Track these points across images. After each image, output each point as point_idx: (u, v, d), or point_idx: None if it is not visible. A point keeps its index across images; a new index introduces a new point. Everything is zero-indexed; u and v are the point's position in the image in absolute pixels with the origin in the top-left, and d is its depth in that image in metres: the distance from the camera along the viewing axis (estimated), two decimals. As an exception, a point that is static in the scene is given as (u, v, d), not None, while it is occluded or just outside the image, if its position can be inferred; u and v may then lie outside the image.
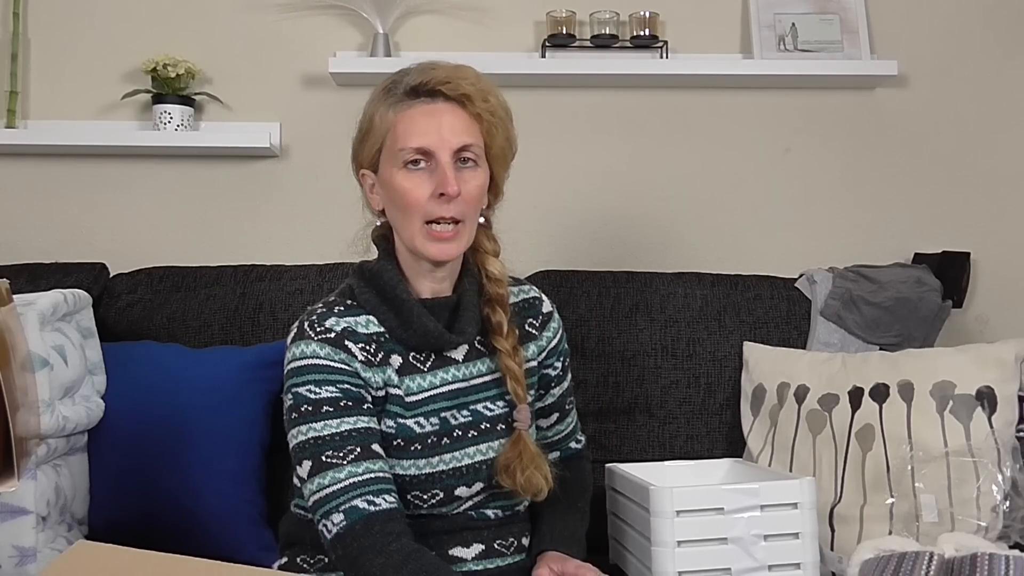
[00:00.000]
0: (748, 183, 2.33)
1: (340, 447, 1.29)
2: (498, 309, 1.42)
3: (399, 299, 1.37)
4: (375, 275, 1.39)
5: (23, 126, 2.25)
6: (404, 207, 1.33)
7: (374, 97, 1.38)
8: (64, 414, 1.72)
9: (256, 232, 2.28)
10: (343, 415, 1.31)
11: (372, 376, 1.36)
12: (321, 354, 1.33)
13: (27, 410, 1.23)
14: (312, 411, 1.31)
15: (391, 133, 1.34)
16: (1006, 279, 2.32)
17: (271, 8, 2.30)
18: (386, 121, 1.34)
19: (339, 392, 1.32)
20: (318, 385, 1.32)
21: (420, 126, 1.32)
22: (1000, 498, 1.68)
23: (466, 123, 1.33)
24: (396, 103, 1.34)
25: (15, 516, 1.67)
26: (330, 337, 1.34)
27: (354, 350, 1.34)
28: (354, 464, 1.29)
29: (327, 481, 1.28)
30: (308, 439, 1.31)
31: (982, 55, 2.34)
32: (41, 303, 1.76)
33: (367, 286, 1.39)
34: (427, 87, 1.33)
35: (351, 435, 1.30)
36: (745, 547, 1.44)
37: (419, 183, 1.32)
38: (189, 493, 1.80)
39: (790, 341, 2.05)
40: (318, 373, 1.32)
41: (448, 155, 1.32)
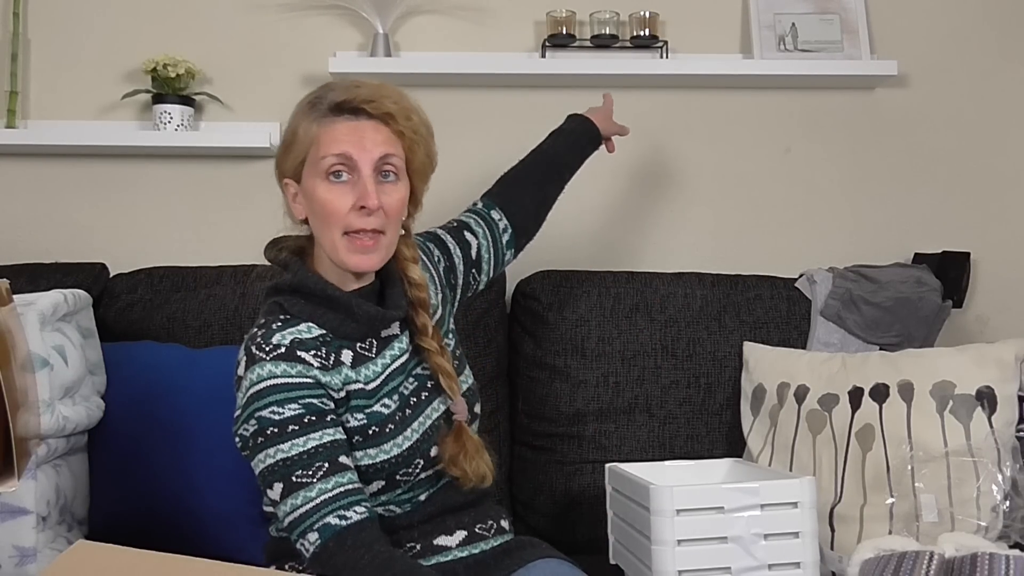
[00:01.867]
0: (748, 183, 2.33)
1: (308, 465, 1.30)
2: (421, 312, 1.46)
3: (332, 297, 1.39)
4: (299, 285, 1.41)
5: (23, 126, 2.25)
6: (325, 218, 1.36)
7: (298, 111, 1.41)
8: (64, 414, 1.72)
9: (256, 232, 2.27)
10: (308, 431, 1.32)
11: (331, 379, 1.37)
12: (277, 372, 1.33)
13: (27, 410, 1.23)
14: (278, 432, 1.31)
15: (314, 145, 1.37)
16: (1006, 279, 2.32)
17: (271, 8, 2.30)
18: (309, 134, 1.37)
19: (302, 408, 1.33)
20: (280, 405, 1.32)
21: (342, 138, 1.35)
22: (1000, 498, 1.68)
23: (388, 138, 1.37)
24: (320, 117, 1.37)
25: (15, 516, 1.67)
26: (281, 352, 1.35)
27: (308, 358, 1.35)
28: (323, 480, 1.30)
29: (299, 501, 1.30)
30: (277, 461, 1.31)
31: (982, 55, 2.34)
32: (41, 303, 1.76)
33: (294, 297, 1.41)
34: (350, 104, 1.36)
35: (318, 451, 1.31)
36: (745, 546, 1.44)
37: (340, 195, 1.35)
38: (189, 493, 1.79)
39: (790, 341, 2.05)
40: (278, 392, 1.33)
41: (369, 167, 1.35)
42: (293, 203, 1.43)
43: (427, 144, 1.43)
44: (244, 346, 1.39)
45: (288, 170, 1.42)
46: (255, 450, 1.33)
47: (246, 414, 1.34)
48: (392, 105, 1.37)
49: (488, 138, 2.27)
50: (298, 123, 1.40)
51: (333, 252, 1.38)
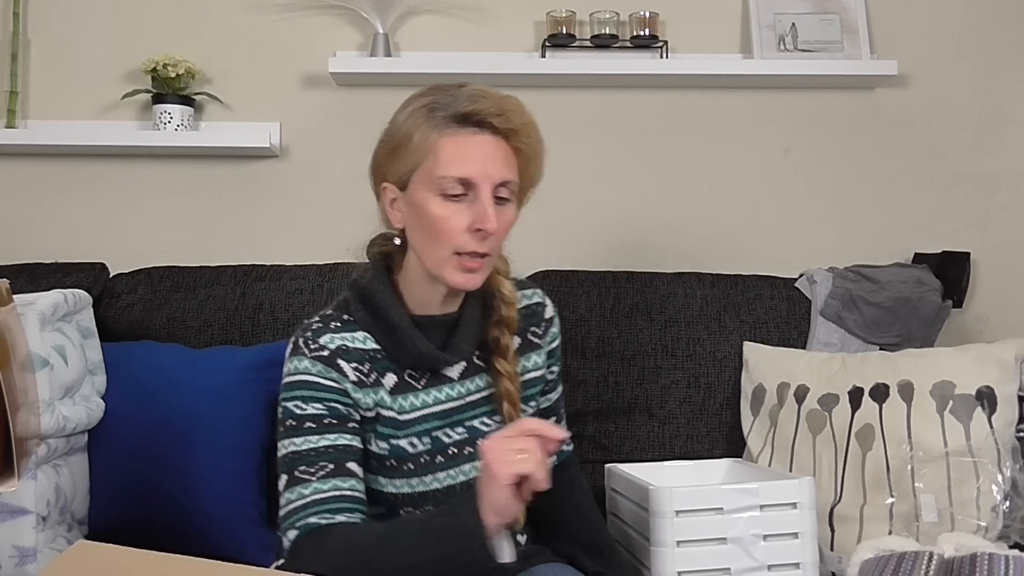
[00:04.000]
0: (748, 183, 2.33)
1: (313, 463, 1.29)
2: (506, 332, 1.40)
3: (391, 321, 1.35)
4: (368, 295, 1.37)
5: (23, 126, 2.25)
6: (435, 235, 1.29)
7: (413, 113, 1.31)
8: (64, 414, 1.72)
9: (256, 232, 2.28)
10: (324, 432, 1.30)
11: (363, 397, 1.34)
12: (312, 371, 1.32)
13: (27, 410, 1.23)
14: (295, 426, 1.31)
15: (432, 156, 1.28)
16: (1006, 279, 2.32)
17: (271, 8, 2.30)
18: (428, 142, 1.29)
19: (325, 409, 1.31)
20: (305, 401, 1.31)
21: (465, 155, 1.27)
22: (1000, 498, 1.68)
23: (508, 157, 1.30)
24: (441, 126, 1.28)
25: (15, 516, 1.67)
26: (323, 355, 1.33)
27: (346, 369, 1.33)
28: (321, 481, 1.28)
29: (293, 496, 1.28)
30: (287, 453, 1.30)
31: (982, 55, 2.34)
32: (41, 303, 1.76)
33: (360, 304, 1.37)
34: (476, 117, 1.28)
35: (327, 451, 1.29)
36: (744, 547, 1.44)
37: (455, 213, 1.28)
38: (189, 493, 1.79)
39: (790, 341, 2.05)
40: (307, 389, 1.32)
41: (489, 189, 1.28)
42: (390, 209, 1.36)
43: (540, 161, 1.36)
44: (299, 331, 1.36)
45: (391, 175, 1.34)
46: (277, 437, 1.33)
47: (280, 399, 1.34)
48: (517, 120, 1.30)
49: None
50: (413, 127, 1.30)
51: (437, 268, 1.31)
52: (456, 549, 1.17)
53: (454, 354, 1.37)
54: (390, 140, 1.34)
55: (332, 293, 2.03)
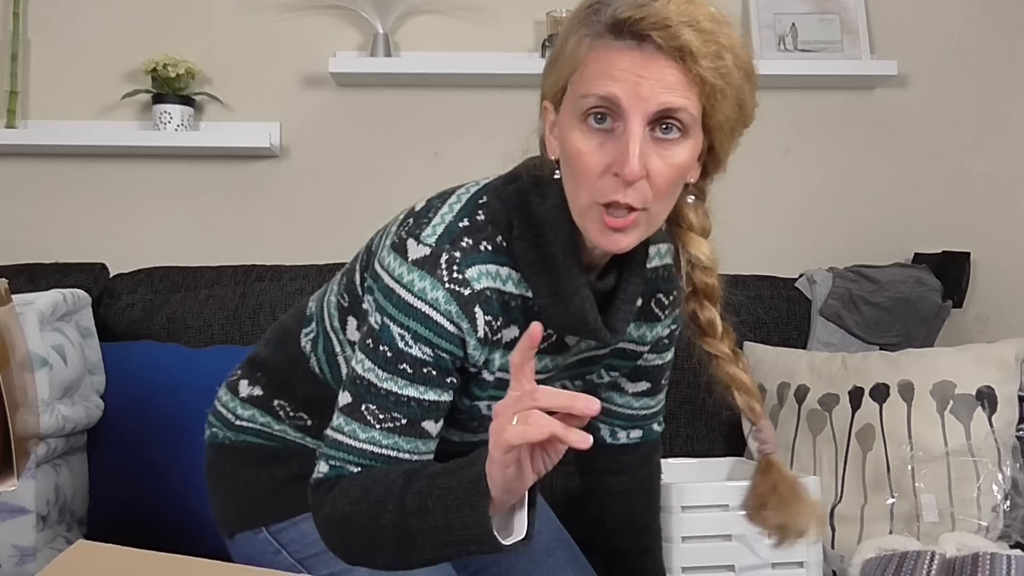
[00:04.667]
0: (748, 183, 2.33)
1: (386, 409, 1.07)
2: (707, 304, 1.12)
3: (564, 273, 1.07)
4: (543, 231, 1.08)
5: (23, 126, 2.24)
6: (574, 174, 1.02)
7: (575, 13, 1.04)
8: (63, 414, 1.72)
9: (256, 232, 2.28)
10: (417, 381, 1.07)
11: (479, 354, 1.10)
12: (442, 308, 1.04)
13: (26, 410, 1.23)
14: (389, 359, 1.06)
15: (579, 71, 1.01)
16: (1006, 279, 2.32)
17: (271, 8, 2.29)
18: (577, 53, 1.01)
19: (431, 357, 1.07)
20: (415, 339, 1.05)
21: (614, 71, 0.98)
22: (1000, 498, 1.68)
23: (679, 82, 0.98)
24: (594, 35, 1.00)
25: (15, 516, 1.67)
26: (463, 294, 1.05)
27: (479, 322, 1.06)
28: (384, 434, 1.07)
29: (347, 429, 1.08)
30: (365, 379, 1.07)
31: (982, 55, 2.34)
32: (41, 303, 1.76)
33: (530, 237, 1.08)
34: (635, 27, 0.97)
35: (408, 403, 1.07)
36: (749, 544, 1.45)
37: (595, 148, 0.99)
38: (189, 493, 1.79)
39: (790, 341, 2.05)
40: (424, 327, 1.05)
41: (640, 121, 0.97)
42: (549, 134, 1.08)
43: (739, 94, 1.03)
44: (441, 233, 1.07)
45: (548, 90, 1.07)
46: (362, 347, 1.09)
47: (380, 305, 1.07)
48: (694, 37, 0.96)
49: (488, 138, 2.26)
50: (569, 33, 1.04)
51: (578, 217, 1.04)
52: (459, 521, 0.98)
53: (613, 333, 1.12)
54: (554, 47, 1.07)
55: (332, 293, 2.03)
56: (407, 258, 1.06)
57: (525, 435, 0.89)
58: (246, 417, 1.30)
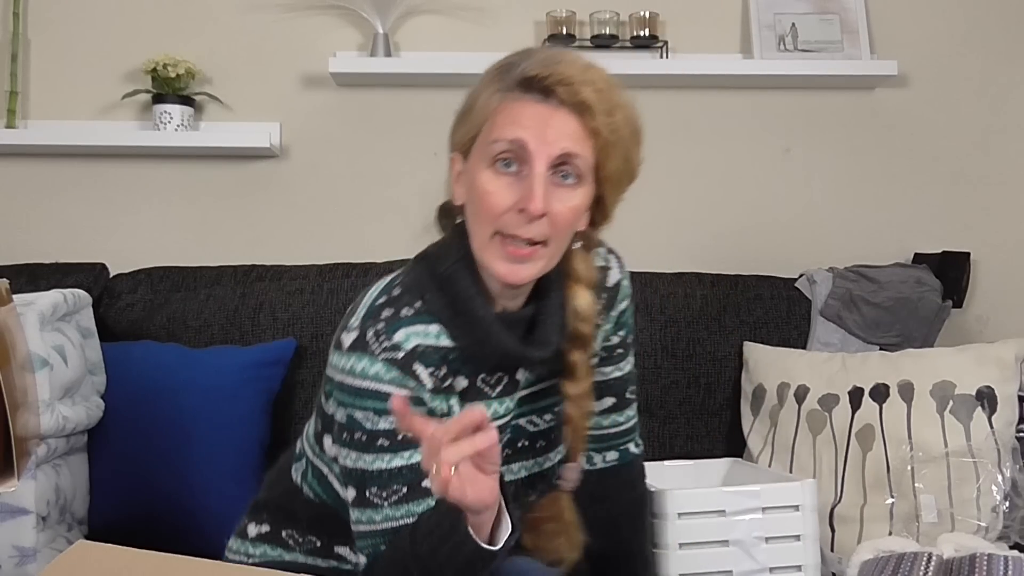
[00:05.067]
0: (748, 183, 2.33)
1: (385, 486, 1.13)
2: (575, 350, 1.22)
3: (475, 315, 1.15)
4: (448, 282, 1.17)
5: (23, 126, 2.24)
6: (479, 212, 1.12)
7: (485, 75, 1.16)
8: (64, 414, 1.72)
9: (256, 232, 2.28)
10: (397, 450, 1.13)
11: (439, 404, 1.16)
12: (385, 379, 1.12)
13: (27, 410, 1.23)
14: (366, 442, 1.14)
15: (490, 121, 1.12)
16: (1006, 279, 2.32)
17: (271, 8, 2.29)
18: (489, 106, 1.12)
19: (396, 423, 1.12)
20: (377, 414, 1.12)
21: (522, 119, 1.10)
22: (1000, 498, 1.68)
23: (577, 132, 1.11)
24: (505, 89, 1.12)
25: (15, 516, 1.67)
26: (397, 358, 1.12)
27: (423, 376, 1.14)
28: (394, 507, 1.13)
29: (364, 519, 1.15)
30: (356, 468, 1.15)
31: (982, 55, 2.34)
32: (41, 303, 1.76)
33: (439, 292, 1.17)
34: (543, 83, 1.10)
35: (400, 472, 1.13)
36: (746, 549, 1.44)
37: (503, 188, 1.10)
38: (189, 493, 1.80)
39: (790, 341, 2.05)
40: (379, 401, 1.12)
41: (544, 163, 1.09)
42: (456, 183, 1.18)
43: (627, 149, 1.15)
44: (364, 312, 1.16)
45: (458, 142, 1.17)
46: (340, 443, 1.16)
47: (336, 399, 1.15)
48: (592, 94, 1.10)
49: (488, 138, 2.27)
50: (480, 90, 1.15)
51: (480, 252, 1.13)
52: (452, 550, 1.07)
53: (541, 348, 1.19)
54: (464, 104, 1.18)
55: (332, 293, 2.03)
56: (343, 349, 1.15)
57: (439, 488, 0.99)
58: (258, 555, 1.32)
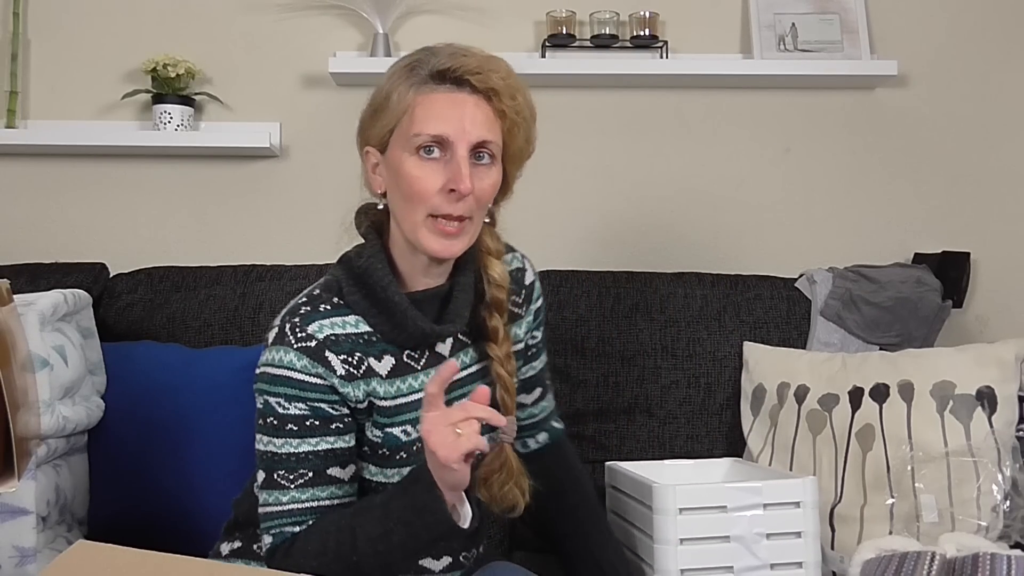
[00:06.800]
0: (748, 183, 2.33)
1: (292, 469, 1.25)
2: (495, 314, 1.35)
3: (390, 301, 1.28)
4: (363, 274, 1.29)
5: (23, 126, 2.25)
6: (410, 196, 1.24)
7: (394, 73, 1.28)
8: (64, 414, 1.72)
9: (256, 232, 2.28)
10: (305, 435, 1.25)
11: (352, 391, 1.27)
12: (297, 366, 1.24)
13: (27, 410, 1.23)
14: (276, 426, 1.25)
15: (408, 115, 1.24)
16: (1006, 279, 2.32)
17: (271, 8, 2.30)
18: (404, 101, 1.25)
19: (308, 410, 1.25)
20: (288, 400, 1.25)
21: (441, 113, 1.23)
22: (1000, 498, 1.68)
23: (489, 118, 1.25)
24: (418, 84, 1.24)
25: (15, 516, 1.67)
26: (310, 347, 1.25)
27: (334, 363, 1.26)
28: (300, 490, 1.25)
29: (271, 500, 1.26)
30: (266, 451, 1.26)
31: (982, 55, 2.34)
32: (41, 303, 1.76)
33: (355, 285, 1.30)
34: (455, 74, 1.24)
35: (307, 458, 1.25)
36: (747, 545, 1.44)
37: (430, 173, 1.23)
38: (189, 493, 1.79)
39: (790, 341, 2.05)
40: (290, 387, 1.25)
41: (465, 148, 1.23)
42: (372, 174, 1.30)
43: (528, 128, 1.29)
44: (285, 312, 1.29)
45: (373, 137, 1.29)
46: (255, 427, 1.28)
47: (257, 389, 1.27)
48: (499, 81, 1.24)
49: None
50: (392, 87, 1.26)
51: (412, 233, 1.25)
52: (421, 527, 1.19)
53: (449, 323, 1.31)
54: (373, 102, 1.29)
55: (332, 293, 2.03)
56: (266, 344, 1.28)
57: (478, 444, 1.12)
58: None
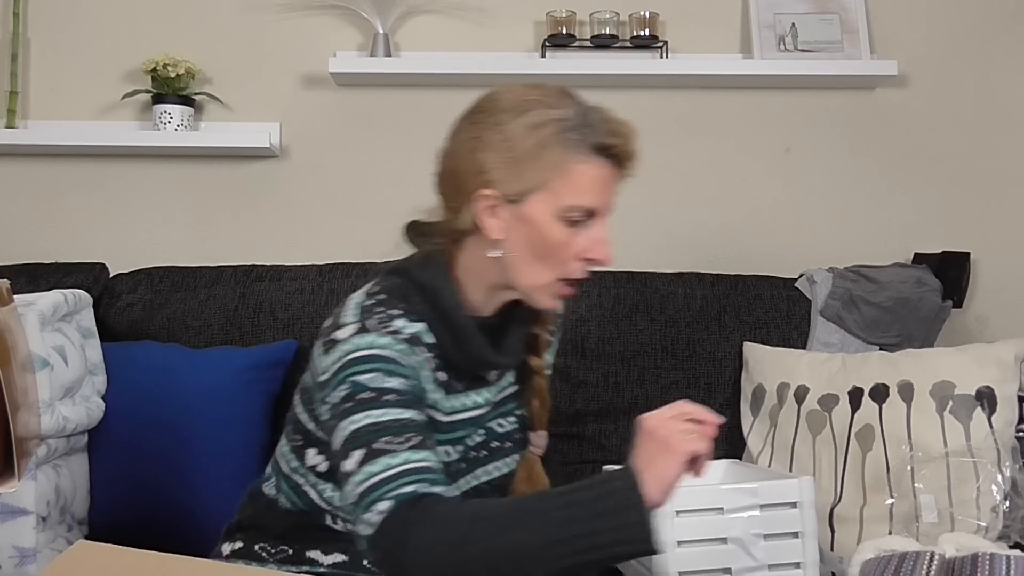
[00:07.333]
0: (748, 183, 2.33)
1: (399, 433, 1.13)
2: (544, 328, 1.38)
3: (458, 321, 1.25)
4: (432, 292, 1.26)
5: (23, 126, 2.24)
6: (546, 257, 1.23)
7: (539, 127, 1.21)
8: (64, 414, 1.72)
9: (256, 232, 2.28)
10: (407, 406, 1.16)
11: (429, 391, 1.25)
12: (394, 348, 1.19)
13: (27, 410, 1.23)
14: (374, 398, 1.15)
15: (563, 180, 1.21)
16: (1006, 279, 2.32)
17: (271, 8, 2.30)
18: (563, 163, 1.20)
19: (407, 385, 1.18)
20: (386, 375, 1.17)
21: (595, 187, 1.23)
22: (1000, 498, 1.68)
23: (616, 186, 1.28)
24: (575, 150, 1.21)
25: (15, 516, 1.67)
26: (403, 337, 1.20)
27: (423, 357, 1.23)
28: (412, 451, 1.12)
29: (378, 468, 1.11)
30: (364, 426, 1.14)
31: (982, 55, 2.34)
32: (41, 303, 1.76)
33: (421, 298, 1.26)
34: (615, 151, 1.24)
35: (412, 423, 1.15)
36: (745, 547, 1.44)
37: (574, 240, 1.23)
38: (189, 493, 1.80)
39: (790, 341, 2.05)
40: (386, 363, 1.17)
41: (606, 219, 1.26)
42: (487, 215, 1.23)
43: None
44: (355, 312, 1.22)
45: (504, 184, 1.22)
46: (339, 416, 1.16)
47: (338, 379, 1.18)
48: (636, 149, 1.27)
49: (488, 138, 2.27)
50: (543, 144, 1.20)
51: (532, 289, 1.25)
52: (612, 524, 1.05)
53: (507, 357, 1.33)
54: (507, 149, 1.21)
55: (332, 293, 2.03)
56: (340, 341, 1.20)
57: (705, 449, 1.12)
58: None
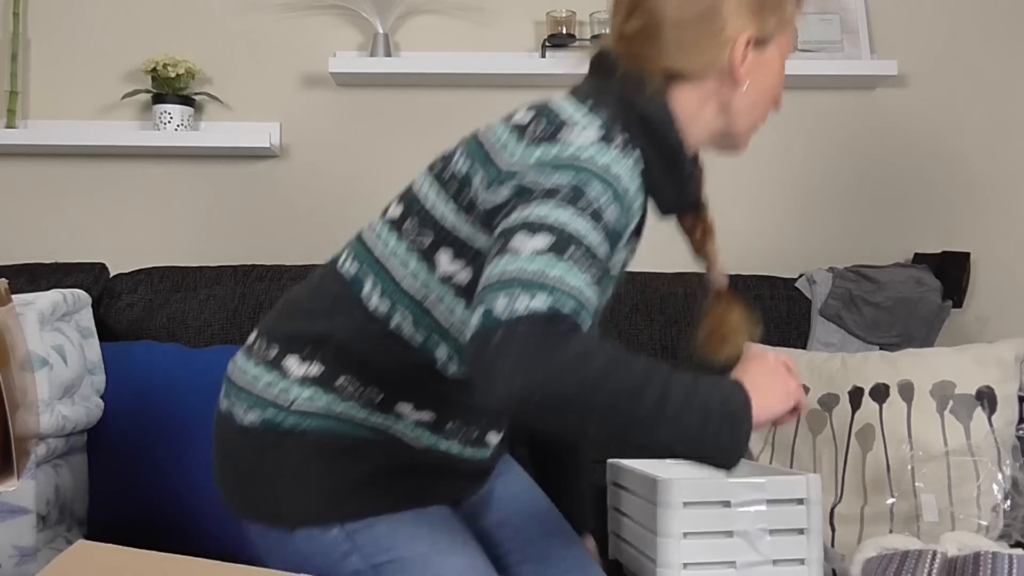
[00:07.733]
0: (748, 183, 2.33)
1: (589, 259, 1.01)
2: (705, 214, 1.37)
3: (682, 161, 1.20)
4: (661, 126, 1.17)
5: (23, 126, 2.25)
6: (770, 100, 1.27)
7: None
8: (64, 414, 1.72)
9: (256, 232, 2.28)
10: (611, 243, 1.07)
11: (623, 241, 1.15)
12: (631, 180, 1.11)
13: (26, 410, 1.23)
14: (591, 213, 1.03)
15: (791, 25, 1.25)
16: (1006, 279, 2.32)
17: (271, 8, 2.30)
18: (793, 11, 1.25)
19: (618, 223, 1.08)
20: (612, 201, 1.06)
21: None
22: (1000, 497, 1.68)
23: None
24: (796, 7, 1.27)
25: (15, 516, 1.67)
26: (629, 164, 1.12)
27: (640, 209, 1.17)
28: (588, 286, 0.99)
29: (553, 272, 0.97)
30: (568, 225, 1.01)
31: (982, 55, 2.35)
32: (41, 303, 1.76)
33: (638, 127, 1.16)
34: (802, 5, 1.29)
35: (599, 262, 1.04)
36: (750, 541, 1.44)
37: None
38: (189, 493, 1.79)
39: (790, 341, 2.05)
40: (616, 190, 1.07)
41: None
42: (742, 62, 1.20)
43: None
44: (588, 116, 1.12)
45: (760, 26, 1.21)
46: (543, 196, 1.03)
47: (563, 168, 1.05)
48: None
49: (488, 138, 2.27)
50: None
51: (746, 129, 1.28)
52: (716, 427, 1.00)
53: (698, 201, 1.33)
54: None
55: (332, 293, 2.03)
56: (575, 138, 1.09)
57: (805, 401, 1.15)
58: (304, 398, 1.18)
